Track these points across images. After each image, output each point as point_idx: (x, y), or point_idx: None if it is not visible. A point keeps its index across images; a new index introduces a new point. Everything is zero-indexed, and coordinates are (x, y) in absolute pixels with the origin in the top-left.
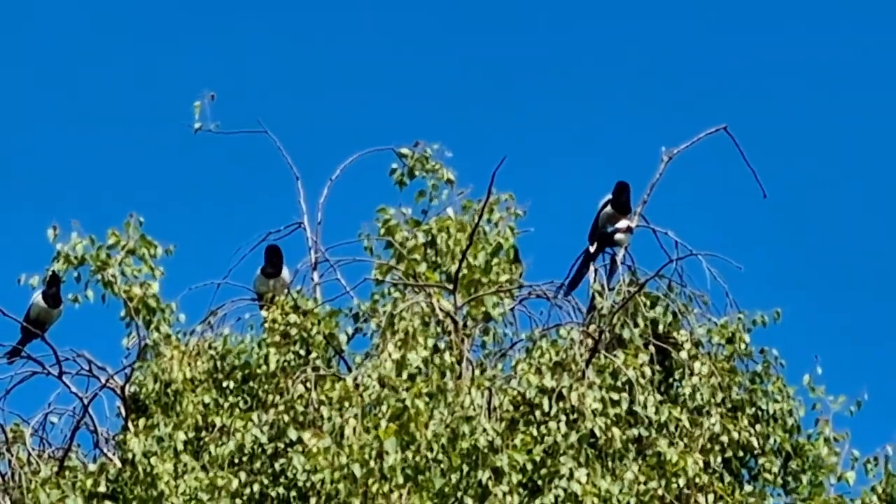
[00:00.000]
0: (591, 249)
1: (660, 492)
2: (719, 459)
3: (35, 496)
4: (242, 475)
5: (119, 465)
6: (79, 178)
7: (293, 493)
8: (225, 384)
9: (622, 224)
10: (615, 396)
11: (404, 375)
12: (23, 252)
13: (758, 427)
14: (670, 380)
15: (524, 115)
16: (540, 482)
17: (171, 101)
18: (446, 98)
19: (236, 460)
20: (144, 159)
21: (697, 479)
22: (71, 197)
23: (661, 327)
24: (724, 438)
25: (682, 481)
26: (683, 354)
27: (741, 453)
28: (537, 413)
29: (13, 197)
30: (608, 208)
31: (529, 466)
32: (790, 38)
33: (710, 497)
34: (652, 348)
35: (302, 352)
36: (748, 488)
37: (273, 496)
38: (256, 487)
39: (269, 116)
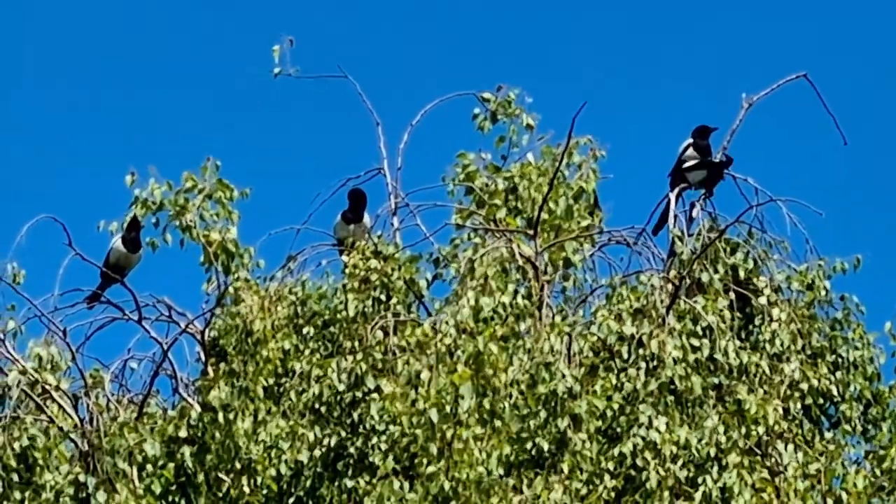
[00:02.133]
0: (672, 196)
1: (740, 443)
2: (799, 406)
3: (112, 440)
4: (318, 428)
5: (199, 409)
6: (158, 125)
7: (372, 442)
8: (305, 330)
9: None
10: (695, 343)
11: (481, 323)
12: (101, 198)
13: (838, 374)
14: (750, 326)
15: (604, 61)
16: (619, 429)
17: (251, 46)
18: (526, 43)
19: (316, 406)
20: (224, 104)
21: (777, 427)
22: (149, 143)
23: (741, 273)
24: (804, 385)
25: (761, 429)
26: (763, 301)
27: (821, 400)
28: (617, 361)
29: (91, 143)
30: (690, 151)
31: (608, 413)
32: None
33: (790, 446)
34: (732, 294)
35: (382, 297)
36: (828, 436)
37: (352, 451)
38: (334, 440)
39: (349, 61)
